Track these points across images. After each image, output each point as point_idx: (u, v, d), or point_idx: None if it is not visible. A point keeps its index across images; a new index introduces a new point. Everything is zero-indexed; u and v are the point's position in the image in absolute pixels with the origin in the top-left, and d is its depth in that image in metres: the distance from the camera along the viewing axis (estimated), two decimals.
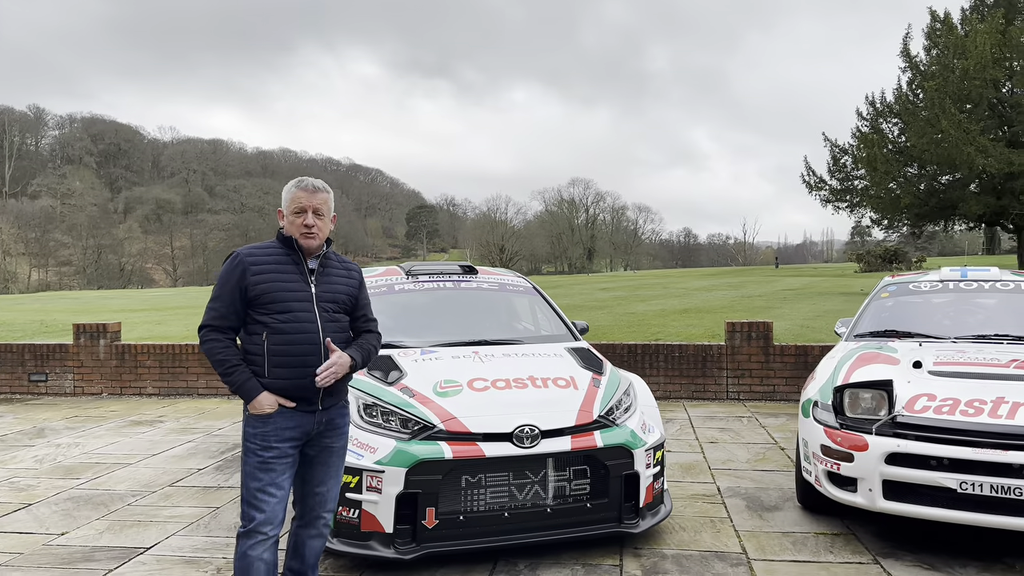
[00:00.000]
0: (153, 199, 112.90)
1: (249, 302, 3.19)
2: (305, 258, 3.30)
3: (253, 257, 3.23)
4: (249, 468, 3.17)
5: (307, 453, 3.33)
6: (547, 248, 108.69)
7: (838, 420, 4.47)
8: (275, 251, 3.28)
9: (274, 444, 3.17)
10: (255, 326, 3.19)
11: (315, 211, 3.26)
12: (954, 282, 6.02)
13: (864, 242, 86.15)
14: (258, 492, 3.15)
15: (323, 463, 3.37)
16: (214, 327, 3.19)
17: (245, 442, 3.21)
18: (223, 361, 3.15)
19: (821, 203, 31.96)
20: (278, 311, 3.18)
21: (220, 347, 3.17)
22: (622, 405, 4.55)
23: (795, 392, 9.17)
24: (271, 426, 3.17)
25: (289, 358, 3.18)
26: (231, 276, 3.19)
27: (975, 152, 24.08)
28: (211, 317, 3.20)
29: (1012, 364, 4.60)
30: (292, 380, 3.19)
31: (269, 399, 3.14)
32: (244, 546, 3.16)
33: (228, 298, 3.19)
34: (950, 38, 26.90)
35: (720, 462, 6.38)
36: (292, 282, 3.23)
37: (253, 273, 3.18)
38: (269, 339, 3.16)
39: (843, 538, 4.58)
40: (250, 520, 3.16)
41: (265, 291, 3.18)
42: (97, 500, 5.49)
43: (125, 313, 23.88)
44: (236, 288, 3.18)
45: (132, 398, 10.02)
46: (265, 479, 3.16)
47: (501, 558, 4.27)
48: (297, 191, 3.27)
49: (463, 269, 5.93)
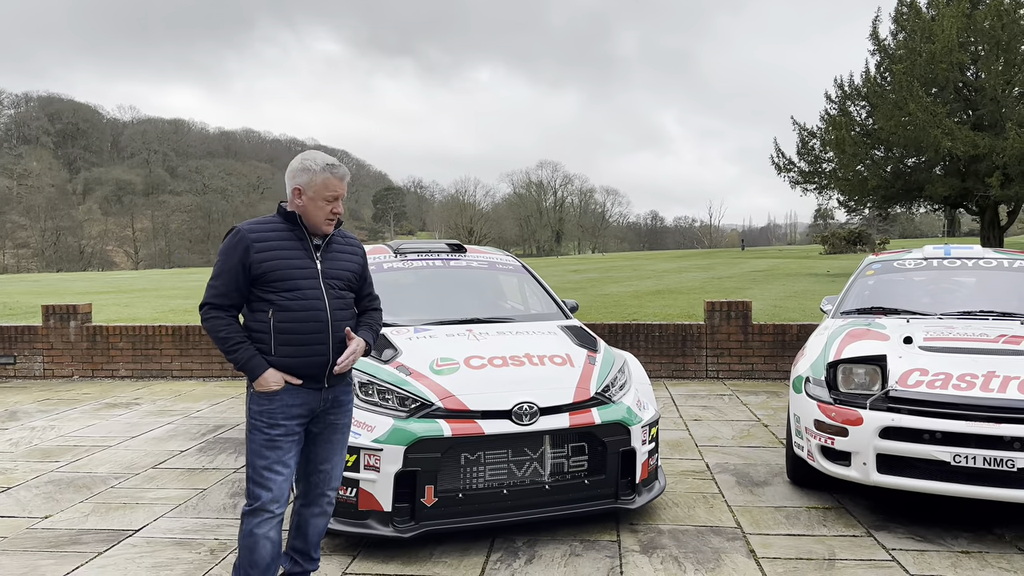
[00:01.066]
0: (113, 180, 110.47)
1: (253, 280, 3.10)
2: (310, 234, 3.23)
3: (256, 233, 3.13)
4: (255, 446, 3.12)
5: (311, 430, 3.28)
6: (516, 230, 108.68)
7: (832, 395, 4.51)
8: (278, 226, 3.19)
9: (280, 421, 3.12)
10: (260, 303, 3.12)
11: (341, 198, 3.27)
12: (938, 260, 6.10)
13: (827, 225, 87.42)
14: (264, 470, 3.10)
15: (327, 440, 3.33)
16: (215, 305, 3.11)
17: (250, 419, 3.15)
18: (226, 338, 3.08)
19: (790, 184, 32.29)
20: (285, 288, 3.12)
21: (223, 324, 3.09)
22: (617, 382, 4.55)
23: (773, 370, 9.28)
24: (277, 403, 3.11)
25: (297, 335, 3.13)
26: (233, 253, 3.10)
27: (941, 135, 24.44)
28: (212, 295, 3.11)
29: (1001, 339, 4.67)
30: (299, 358, 3.15)
31: (275, 376, 3.09)
32: (250, 524, 3.11)
33: (230, 275, 3.10)
34: (917, 22, 27.22)
35: (706, 439, 6.42)
36: (297, 259, 3.16)
37: (257, 250, 3.09)
38: (275, 316, 3.10)
39: (835, 512, 4.64)
40: (256, 498, 3.10)
41: (271, 268, 3.10)
42: (79, 483, 5.37)
43: (90, 295, 23.40)
44: (239, 265, 3.09)
45: (105, 380, 9.82)
46: (272, 457, 3.11)
47: (499, 535, 4.25)
48: (332, 177, 3.18)
49: (451, 247, 5.87)
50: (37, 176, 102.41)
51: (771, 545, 4.15)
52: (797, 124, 31.84)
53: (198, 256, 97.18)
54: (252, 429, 3.14)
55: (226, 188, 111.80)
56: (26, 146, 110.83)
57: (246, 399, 3.23)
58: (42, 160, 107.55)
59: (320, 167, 3.17)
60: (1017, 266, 5.89)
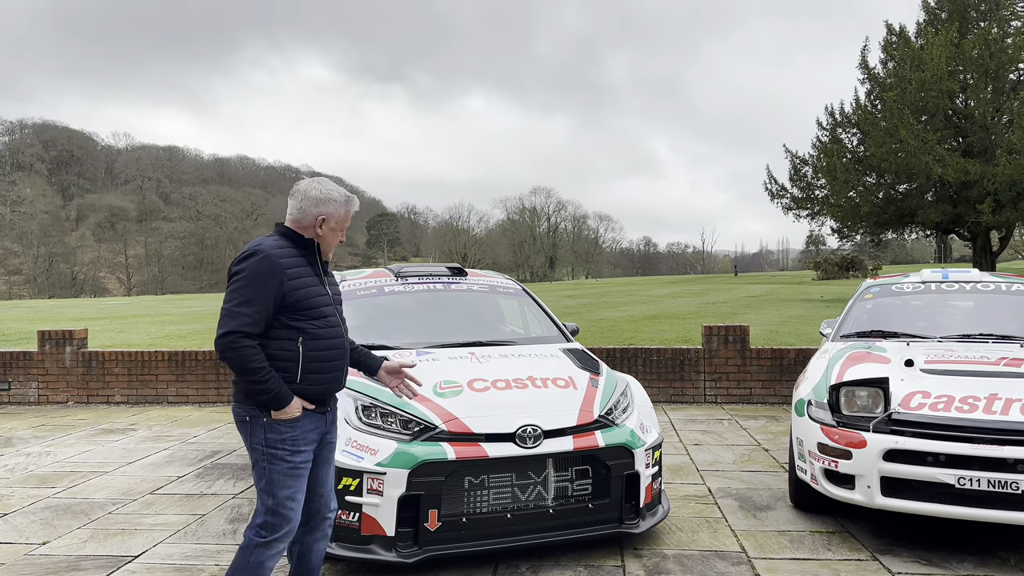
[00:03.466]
0: (106, 207, 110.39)
1: (282, 307, 3.05)
2: (321, 261, 3.27)
3: (285, 259, 3.09)
4: (277, 476, 3.07)
5: (315, 453, 3.26)
6: (509, 256, 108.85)
7: (835, 418, 4.51)
8: (292, 251, 3.16)
9: (302, 448, 3.13)
10: (286, 331, 3.07)
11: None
12: (936, 283, 6.13)
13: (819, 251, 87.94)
14: (288, 500, 3.09)
15: (326, 460, 3.34)
16: (246, 334, 2.97)
17: (270, 449, 3.08)
18: (258, 369, 2.98)
19: (783, 211, 32.48)
20: (314, 316, 3.13)
21: (254, 354, 2.98)
22: (620, 405, 4.54)
23: (771, 395, 9.28)
24: (299, 430, 3.11)
25: (325, 363, 3.17)
26: (270, 278, 3.02)
27: (932, 161, 24.66)
28: (244, 323, 2.97)
29: (1001, 362, 4.69)
30: (324, 385, 3.18)
31: (298, 403, 3.09)
32: (262, 556, 3.08)
33: (264, 302, 3.00)
34: (906, 50, 27.55)
35: (707, 464, 6.40)
36: (316, 285, 3.18)
37: (290, 277, 3.07)
38: (306, 345, 3.10)
39: (839, 536, 4.62)
40: (277, 530, 3.08)
41: (305, 296, 3.10)
42: (76, 509, 5.31)
43: (84, 321, 23.28)
44: (274, 292, 3.02)
45: (100, 406, 9.74)
46: (295, 486, 3.11)
47: (503, 560, 4.22)
48: (350, 210, 3.28)
49: (452, 271, 5.87)
50: (30, 203, 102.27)
51: (776, 569, 4.12)
52: (789, 152, 32.12)
53: (191, 283, 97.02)
54: (273, 459, 3.08)
55: (220, 214, 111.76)
56: (20, 173, 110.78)
57: (249, 429, 3.12)
58: (36, 187, 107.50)
59: (343, 199, 3.25)
60: (1015, 290, 5.92)
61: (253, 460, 3.13)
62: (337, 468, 3.94)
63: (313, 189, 3.24)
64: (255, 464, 3.13)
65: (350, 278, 5.80)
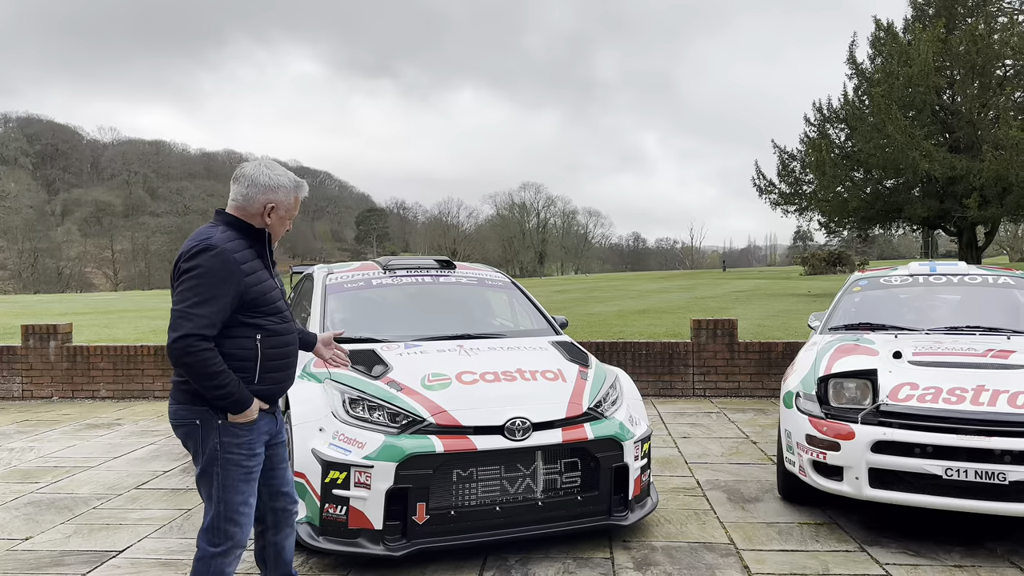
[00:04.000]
0: (92, 201, 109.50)
1: (240, 305, 2.88)
2: (271, 252, 3.11)
3: (238, 253, 2.90)
4: (231, 482, 2.91)
5: (270, 454, 3.14)
6: (499, 252, 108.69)
7: (823, 410, 4.51)
8: (242, 242, 2.96)
9: (257, 451, 3.00)
10: (244, 329, 2.90)
11: None
12: (924, 276, 6.15)
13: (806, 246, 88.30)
14: (241, 506, 2.95)
15: (283, 459, 3.24)
16: (203, 336, 2.78)
17: (225, 455, 2.90)
18: (219, 372, 2.80)
19: (771, 206, 32.59)
20: (271, 312, 2.99)
21: (213, 357, 2.79)
22: (609, 398, 4.53)
23: (759, 388, 9.29)
24: (255, 433, 2.97)
25: (281, 361, 3.06)
26: (228, 276, 2.82)
27: (920, 157, 24.79)
28: (201, 325, 2.77)
29: (989, 353, 4.70)
30: (279, 384, 3.07)
31: (256, 405, 2.95)
32: (221, 565, 2.95)
33: (223, 302, 2.81)
34: (894, 46, 27.68)
35: (695, 456, 6.41)
36: (269, 279, 3.03)
37: (246, 273, 2.89)
38: (264, 342, 2.95)
39: (827, 527, 4.62)
40: (230, 538, 2.93)
41: (260, 292, 2.93)
42: (60, 504, 5.26)
43: (69, 316, 23.09)
44: (233, 291, 2.83)
45: (85, 401, 9.66)
46: (248, 491, 2.97)
47: (491, 553, 4.20)
48: (299, 196, 3.10)
49: (440, 264, 5.84)
50: (15, 197, 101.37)
51: (765, 561, 4.13)
52: (777, 147, 32.22)
53: None
54: (227, 464, 2.91)
55: (207, 209, 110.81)
56: (4, 167, 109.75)
57: (199, 434, 2.91)
58: (20, 181, 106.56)
59: (293, 185, 3.06)
60: (1001, 282, 5.95)
61: (202, 467, 2.92)
62: (324, 461, 3.92)
63: (261, 175, 3.02)
64: (204, 471, 2.92)
65: (337, 271, 5.76)
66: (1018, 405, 4.07)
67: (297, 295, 6.33)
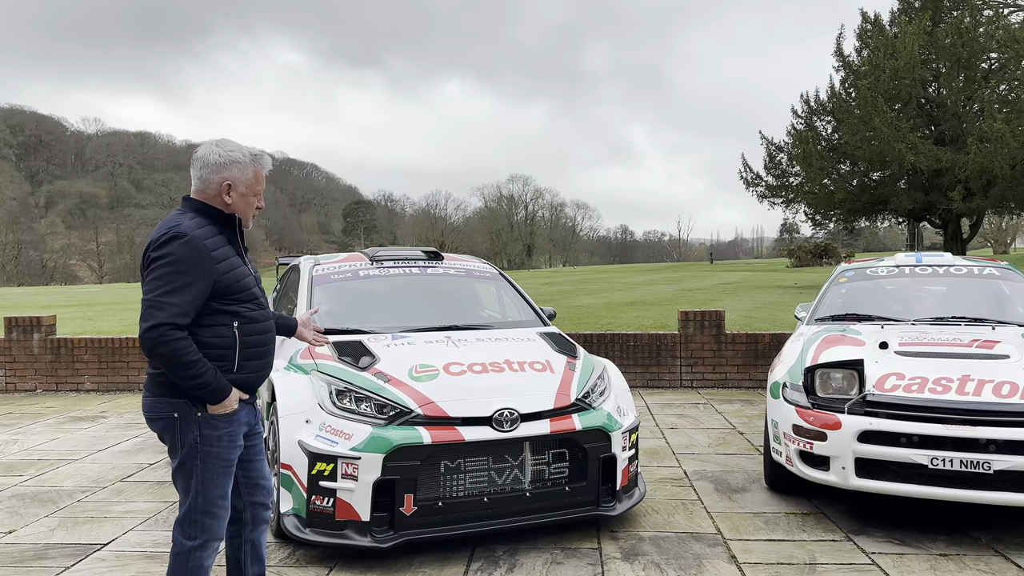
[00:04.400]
0: (77, 193, 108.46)
1: (213, 293, 2.81)
2: (243, 238, 3.02)
3: (208, 240, 2.83)
4: (210, 474, 2.85)
5: (249, 445, 3.08)
6: (487, 244, 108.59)
7: (810, 400, 4.52)
8: (212, 229, 2.88)
9: (238, 443, 2.94)
10: (220, 316, 2.84)
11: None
12: (910, 267, 6.18)
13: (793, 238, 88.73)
14: (220, 499, 2.88)
15: (260, 451, 3.16)
16: (176, 325, 2.71)
17: (204, 447, 2.84)
18: (194, 362, 2.73)
19: (758, 199, 32.69)
20: (247, 299, 2.92)
21: (187, 346, 2.73)
22: (597, 388, 4.52)
23: (747, 379, 9.33)
24: (236, 424, 2.91)
25: (260, 348, 2.97)
26: (198, 264, 2.75)
27: (905, 149, 24.91)
28: (174, 314, 2.70)
29: (974, 344, 4.73)
30: (258, 372, 3.00)
31: (235, 395, 2.88)
32: (200, 559, 2.90)
33: (197, 290, 2.75)
34: (880, 39, 27.77)
35: (683, 447, 6.42)
36: (242, 265, 2.95)
37: (218, 260, 2.82)
38: (241, 330, 2.88)
39: (813, 517, 4.64)
40: (208, 531, 2.88)
41: (234, 279, 2.86)
42: (44, 497, 5.21)
43: (54, 309, 22.90)
44: (204, 279, 2.76)
45: (69, 394, 9.59)
46: (226, 483, 2.91)
47: (479, 544, 4.19)
48: (260, 170, 2.97)
49: (428, 255, 5.81)
50: None
51: (752, 550, 4.14)
52: (765, 139, 32.30)
53: None
54: (208, 457, 2.85)
55: None
56: None
57: (178, 427, 2.85)
58: (3, 173, 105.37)
59: (249, 158, 2.94)
60: (987, 273, 5.98)
61: (180, 460, 2.86)
62: (311, 453, 3.90)
63: (211, 154, 2.92)
64: (182, 464, 2.86)
65: (324, 262, 5.72)
66: (1003, 395, 4.10)
67: (283, 286, 6.29)
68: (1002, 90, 26.73)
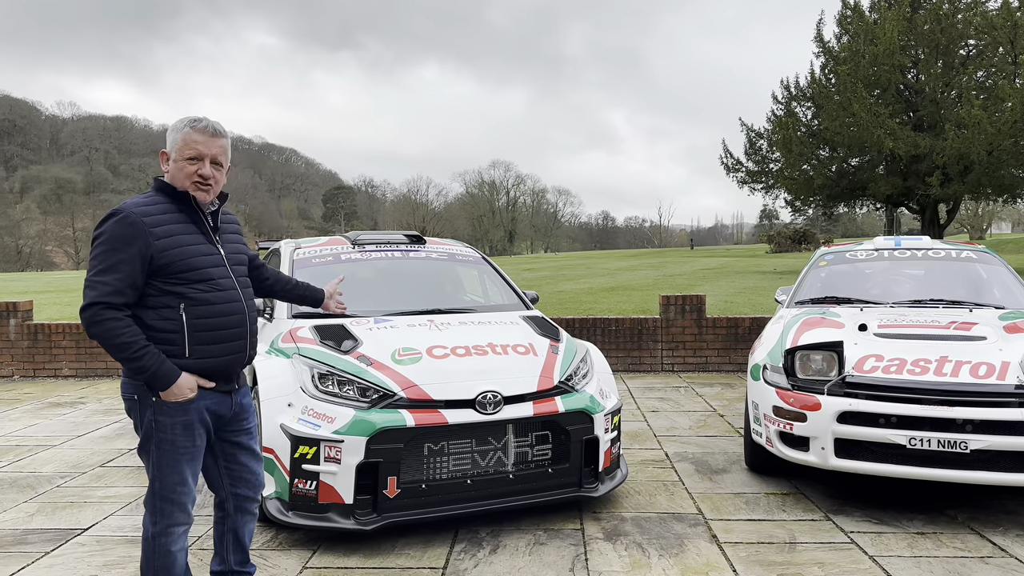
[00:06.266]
0: (52, 178, 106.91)
1: (153, 272, 2.72)
2: (205, 215, 2.90)
3: (151, 216, 2.74)
4: (166, 460, 2.80)
5: (234, 441, 3.05)
6: (469, 230, 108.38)
7: (790, 381, 4.56)
8: (166, 206, 2.81)
9: (195, 431, 2.85)
10: (165, 298, 2.75)
11: (213, 160, 2.86)
12: (889, 251, 6.23)
13: (772, 224, 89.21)
14: (179, 486, 2.83)
15: (249, 447, 3.11)
16: (110, 304, 2.65)
17: (158, 433, 2.79)
18: (129, 344, 2.66)
19: (738, 184, 32.87)
20: (196, 279, 2.79)
21: (122, 327, 2.65)
22: (580, 371, 4.54)
23: (727, 363, 9.40)
24: (193, 413, 2.82)
25: (216, 332, 2.83)
26: (131, 241, 2.67)
27: (884, 135, 25.11)
28: (104, 293, 2.64)
29: (952, 326, 4.79)
30: (218, 357, 2.85)
31: (190, 381, 2.78)
32: (166, 544, 2.87)
33: (127, 268, 2.66)
34: (860, 24, 27.92)
35: (664, 429, 6.47)
36: (199, 243, 2.84)
37: (158, 236, 2.71)
38: (189, 312, 2.77)
39: (793, 497, 4.70)
40: (168, 517, 2.84)
41: (178, 257, 2.75)
42: (22, 483, 5.17)
43: (30, 295, 22.62)
44: (138, 256, 2.68)
45: (47, 380, 9.49)
46: (188, 471, 2.85)
47: (462, 526, 4.21)
48: (193, 132, 2.82)
49: (410, 239, 5.79)
50: None
51: (732, 530, 4.18)
52: (745, 125, 32.43)
53: None
54: (161, 443, 2.80)
55: None
56: None
57: (137, 410, 2.84)
58: None
59: (183, 123, 2.84)
60: (964, 256, 6.05)
61: (140, 441, 2.86)
62: (294, 436, 3.88)
63: (167, 132, 2.90)
64: (142, 447, 2.85)
65: (305, 245, 5.69)
66: (980, 376, 4.15)
67: None
68: (979, 76, 26.99)
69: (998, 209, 67.29)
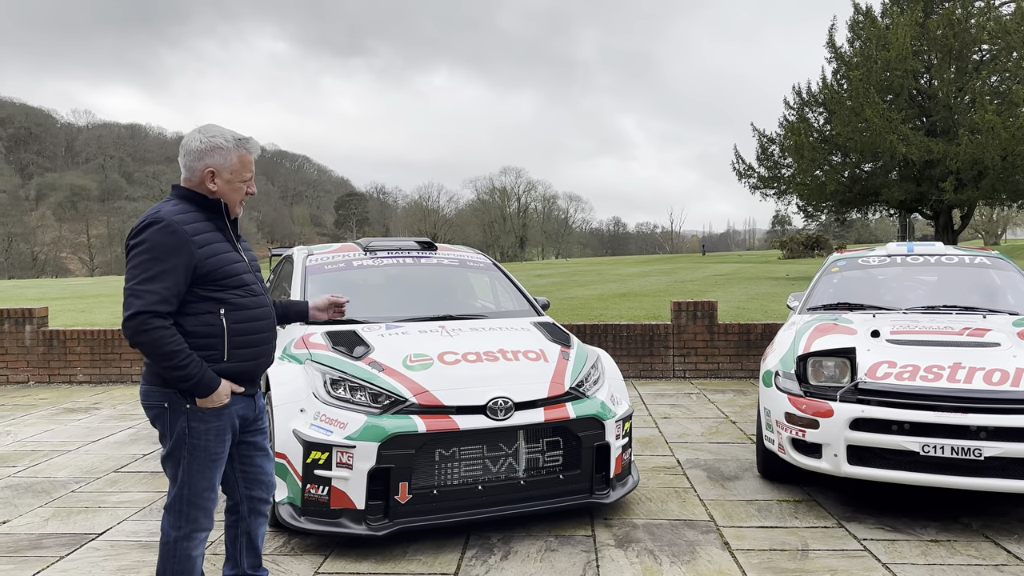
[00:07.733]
0: (67, 186, 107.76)
1: (196, 280, 2.76)
2: (229, 224, 2.95)
3: (190, 225, 2.78)
4: (198, 466, 2.84)
5: (250, 441, 3.07)
6: (480, 236, 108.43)
7: (802, 388, 4.55)
8: (196, 215, 2.85)
9: (227, 436, 2.90)
10: (206, 304, 2.80)
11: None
12: (901, 256, 6.21)
13: (785, 230, 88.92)
14: (207, 491, 2.87)
15: (262, 448, 3.14)
16: (158, 313, 2.67)
17: (192, 440, 2.82)
18: (176, 352, 2.69)
19: (750, 190, 32.75)
20: (234, 285, 2.85)
21: (169, 335, 2.69)
22: (591, 377, 4.54)
23: (739, 369, 9.37)
24: (225, 418, 2.87)
25: (252, 336, 2.91)
26: (176, 250, 2.70)
27: (897, 140, 24.99)
28: (153, 302, 2.66)
29: (965, 332, 4.76)
30: (252, 361, 2.93)
31: (226, 388, 2.83)
32: (187, 548, 2.90)
33: (174, 277, 2.69)
34: (872, 30, 27.83)
35: (676, 436, 6.45)
36: (230, 251, 2.90)
37: (199, 245, 2.77)
38: (229, 317, 2.83)
39: (806, 504, 4.68)
40: (194, 522, 2.87)
41: (217, 264, 2.80)
42: (38, 487, 5.21)
43: (45, 301, 22.81)
44: (183, 265, 2.71)
45: (62, 386, 9.57)
46: (216, 476, 2.89)
47: (473, 532, 4.21)
48: (247, 155, 2.92)
49: (422, 245, 5.81)
50: None
51: (744, 537, 4.17)
52: (757, 130, 32.34)
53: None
54: (194, 449, 2.83)
55: None
56: None
57: (167, 418, 2.84)
58: None
59: (233, 143, 2.87)
60: (978, 262, 6.02)
61: (168, 450, 2.86)
62: (306, 442, 3.90)
63: (194, 140, 2.87)
64: (170, 454, 2.86)
65: (317, 252, 5.72)
66: (993, 382, 4.13)
67: (277, 277, 6.28)
68: (993, 81, 26.83)
69: (1013, 215, 66.82)
